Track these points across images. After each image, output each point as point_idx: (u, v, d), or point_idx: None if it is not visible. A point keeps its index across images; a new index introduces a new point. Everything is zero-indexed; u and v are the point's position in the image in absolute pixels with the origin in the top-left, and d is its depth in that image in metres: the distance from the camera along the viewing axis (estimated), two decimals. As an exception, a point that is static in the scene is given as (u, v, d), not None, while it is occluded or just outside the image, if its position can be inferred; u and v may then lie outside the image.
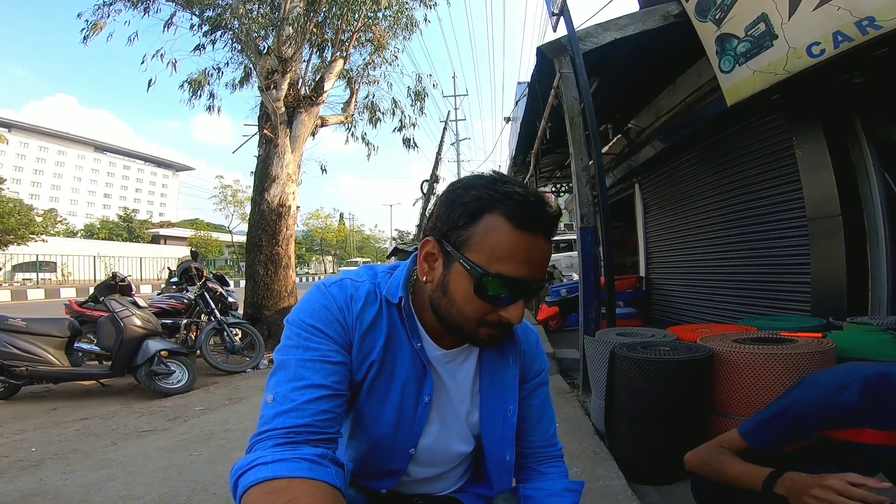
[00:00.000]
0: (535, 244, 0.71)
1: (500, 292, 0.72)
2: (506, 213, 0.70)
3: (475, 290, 0.72)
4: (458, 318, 0.76)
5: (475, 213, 0.71)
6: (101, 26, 6.99)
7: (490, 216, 0.70)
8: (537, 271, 0.73)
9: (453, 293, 0.75)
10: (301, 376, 0.73)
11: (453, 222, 0.73)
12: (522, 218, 0.70)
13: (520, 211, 0.70)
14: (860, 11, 2.39)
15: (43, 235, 25.33)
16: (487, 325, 0.76)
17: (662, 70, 4.96)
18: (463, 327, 0.77)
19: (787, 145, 3.72)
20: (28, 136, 67.05)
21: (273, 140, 6.55)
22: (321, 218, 51.14)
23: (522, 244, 0.70)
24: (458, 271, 0.73)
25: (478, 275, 0.70)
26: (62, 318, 4.46)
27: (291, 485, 0.61)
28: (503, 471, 0.91)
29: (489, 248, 0.70)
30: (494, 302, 0.73)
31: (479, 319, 0.75)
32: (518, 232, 0.70)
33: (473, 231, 0.71)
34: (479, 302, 0.73)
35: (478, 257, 0.71)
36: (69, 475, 2.41)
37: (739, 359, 2.13)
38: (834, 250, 3.26)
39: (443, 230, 0.74)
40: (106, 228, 50.03)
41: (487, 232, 0.70)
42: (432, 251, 0.77)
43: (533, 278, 0.72)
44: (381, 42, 7.74)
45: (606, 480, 2.12)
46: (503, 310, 0.74)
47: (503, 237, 0.70)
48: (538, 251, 0.72)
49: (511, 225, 0.70)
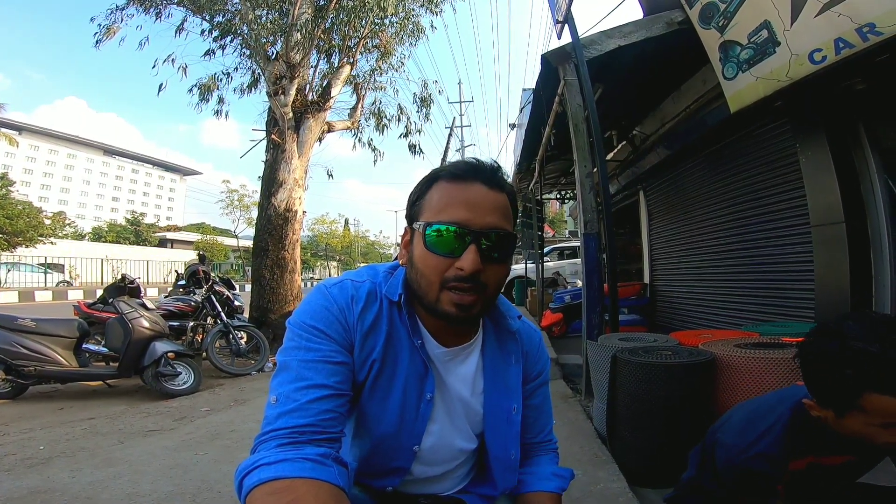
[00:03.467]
0: (471, 189, 0.78)
1: (445, 238, 0.76)
2: (444, 175, 0.81)
3: (424, 242, 0.77)
4: (423, 284, 0.79)
5: (425, 186, 0.82)
6: (115, 31, 7.12)
7: (436, 183, 0.81)
8: (481, 215, 0.77)
9: (415, 259, 0.81)
10: (303, 377, 0.74)
11: (411, 202, 0.84)
12: (456, 173, 0.80)
13: (454, 168, 0.81)
14: (861, 18, 2.41)
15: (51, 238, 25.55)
16: (448, 287, 0.77)
17: (667, 77, 4.98)
18: (429, 296, 0.79)
19: (791, 152, 3.72)
20: (38, 138, 67.84)
21: (281, 145, 6.63)
22: (326, 223, 51.30)
23: (459, 191, 0.78)
24: (417, 237, 0.81)
25: (422, 227, 0.78)
26: (71, 319, 4.52)
27: (294, 484, 0.62)
28: (508, 469, 0.91)
29: (434, 206, 0.79)
30: (443, 251, 0.76)
31: (439, 279, 0.77)
32: (454, 184, 0.79)
33: (424, 200, 0.81)
34: (432, 256, 0.77)
35: (426, 216, 0.79)
36: (76, 473, 2.44)
37: (741, 363, 2.14)
38: (837, 257, 3.26)
39: (408, 214, 0.85)
40: (114, 231, 50.38)
41: (432, 195, 0.81)
42: (406, 237, 0.85)
43: (477, 222, 0.76)
44: (388, 48, 7.83)
45: (608, 483, 2.13)
46: (457, 261, 0.76)
47: (443, 192, 0.80)
48: (477, 194, 0.78)
49: (449, 181, 0.80)
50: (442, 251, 0.76)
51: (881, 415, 0.84)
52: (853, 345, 0.85)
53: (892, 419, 0.83)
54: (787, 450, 1.01)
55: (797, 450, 1.02)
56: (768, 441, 1.02)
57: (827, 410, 0.92)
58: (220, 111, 7.83)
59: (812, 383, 0.95)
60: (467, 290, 0.76)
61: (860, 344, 0.84)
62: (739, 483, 1.07)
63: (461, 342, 0.89)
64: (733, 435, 1.10)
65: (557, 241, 18.71)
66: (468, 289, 0.76)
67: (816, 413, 0.95)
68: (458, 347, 0.88)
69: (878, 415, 0.84)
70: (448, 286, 0.76)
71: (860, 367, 0.83)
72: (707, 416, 2.23)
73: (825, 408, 0.93)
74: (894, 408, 0.82)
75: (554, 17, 4.19)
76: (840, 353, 0.87)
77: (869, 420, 0.86)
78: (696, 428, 2.17)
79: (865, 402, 0.84)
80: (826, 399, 0.92)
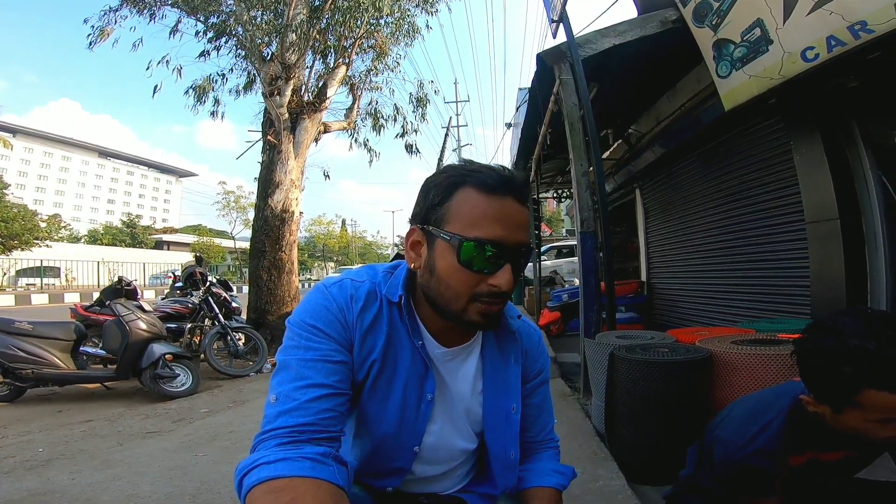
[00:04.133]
0: (505, 205, 0.75)
1: (481, 255, 0.74)
2: (475, 183, 0.76)
3: (458, 257, 0.74)
4: (448, 296, 0.77)
5: (448, 190, 0.77)
6: (108, 32, 7.09)
7: (462, 189, 0.76)
8: (514, 232, 0.75)
9: (440, 270, 0.77)
10: (303, 376, 0.74)
11: (430, 204, 0.78)
12: (490, 184, 0.75)
13: (487, 178, 0.76)
14: (853, 16, 2.43)
15: (47, 241, 25.45)
16: (478, 300, 0.76)
17: (662, 75, 5.00)
18: (454, 306, 0.77)
19: (786, 149, 3.74)
20: (33, 141, 67.49)
21: (277, 146, 6.61)
22: (323, 224, 51.24)
23: (494, 206, 0.75)
24: (441, 246, 0.76)
25: (457, 242, 0.74)
26: (68, 322, 4.50)
27: (294, 484, 0.62)
28: (507, 469, 0.92)
29: (464, 217, 0.75)
30: (478, 268, 0.74)
31: (469, 293, 0.76)
32: (488, 196, 0.75)
33: (448, 206, 0.76)
34: (464, 271, 0.75)
35: (455, 227, 0.75)
36: (76, 475, 2.44)
37: (737, 360, 2.15)
38: (832, 253, 3.28)
39: (422, 215, 0.79)
40: (109, 234, 50.24)
41: (461, 203, 0.75)
42: (417, 238, 0.81)
43: (512, 239, 0.75)
44: (384, 49, 7.82)
45: (606, 480, 2.15)
46: (490, 278, 0.75)
47: (475, 204, 0.75)
48: (510, 211, 0.76)
49: (480, 192, 0.75)
50: (477, 268, 0.74)
51: (878, 411, 0.85)
52: (850, 341, 0.86)
53: (889, 415, 0.84)
54: (785, 445, 1.02)
55: (796, 445, 1.02)
56: (767, 437, 1.02)
57: (824, 406, 0.93)
58: (216, 112, 7.81)
59: (809, 380, 0.96)
60: (498, 304, 0.78)
61: (856, 340, 0.85)
62: (738, 480, 1.08)
63: (461, 342, 0.89)
64: (732, 431, 1.11)
65: (555, 240, 18.74)
66: (498, 303, 0.78)
67: (814, 409, 0.96)
68: (458, 347, 0.89)
69: (875, 411, 0.85)
70: (478, 300, 0.76)
71: (857, 363, 0.84)
72: (705, 413, 2.24)
73: (822, 404, 0.94)
74: (891, 403, 0.83)
75: (549, 16, 4.20)
76: (837, 349, 0.88)
77: (866, 416, 0.87)
78: (694, 425, 2.19)
79: (862, 399, 0.85)
80: (823, 395, 0.93)
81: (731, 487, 1.11)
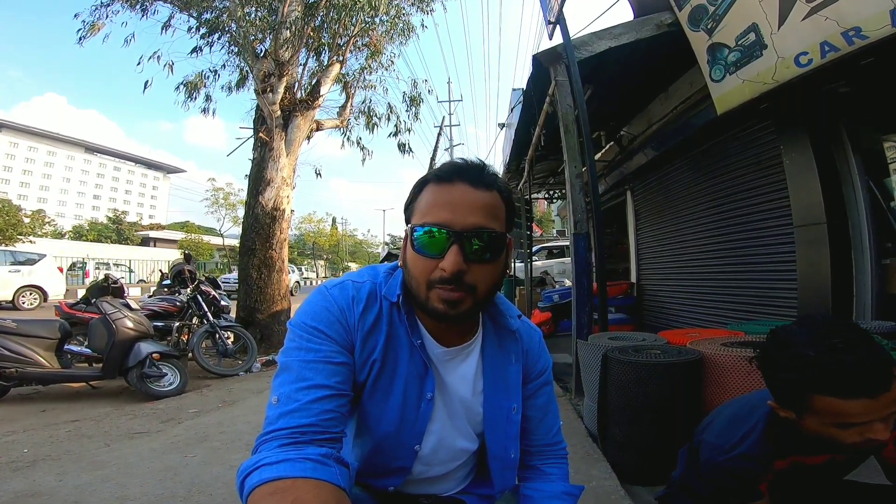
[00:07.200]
0: (454, 189, 0.78)
1: (430, 239, 0.76)
2: (432, 177, 0.81)
3: (413, 245, 0.78)
4: (413, 285, 0.80)
5: (417, 189, 0.83)
6: (99, 27, 6.99)
7: (426, 186, 0.82)
8: (463, 215, 0.76)
9: (407, 261, 0.82)
10: (304, 377, 0.74)
11: (406, 204, 0.85)
12: (441, 175, 0.80)
13: (441, 170, 0.81)
14: (847, 22, 2.46)
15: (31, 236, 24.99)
16: (434, 286, 0.77)
17: (655, 78, 5.03)
18: (420, 296, 0.80)
19: (776, 153, 3.79)
20: (18, 135, 66.17)
21: (268, 143, 6.56)
22: (314, 222, 50.91)
23: (442, 193, 0.79)
24: (407, 239, 0.81)
25: (410, 230, 0.79)
26: (52, 320, 4.43)
27: (296, 485, 0.62)
28: (507, 468, 0.92)
29: (421, 209, 0.80)
30: (428, 252, 0.77)
31: (425, 279, 0.78)
32: (437, 185, 0.80)
33: (416, 203, 0.82)
34: (418, 258, 0.78)
35: (414, 219, 0.80)
36: (63, 476, 2.40)
37: (727, 362, 2.18)
38: (820, 257, 3.33)
39: (405, 217, 0.85)
40: (95, 230, 49.42)
41: (421, 198, 0.81)
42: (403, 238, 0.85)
43: (459, 222, 0.76)
44: (378, 47, 7.80)
45: (600, 481, 2.15)
46: (441, 261, 0.76)
47: (429, 195, 0.80)
48: (459, 195, 0.78)
49: (434, 183, 0.80)
50: (427, 252, 0.76)
51: (830, 415, 0.87)
52: (794, 350, 0.90)
53: (843, 419, 0.86)
54: (767, 450, 1.03)
55: (779, 449, 1.04)
56: (751, 441, 1.04)
57: (788, 412, 0.96)
58: (207, 109, 7.74)
59: (769, 387, 0.99)
60: (453, 289, 0.77)
61: (800, 349, 0.89)
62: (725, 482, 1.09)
63: (461, 342, 0.89)
64: (717, 435, 1.12)
65: (545, 241, 18.81)
66: (452, 289, 0.76)
67: (784, 414, 0.97)
68: (458, 347, 0.89)
69: (827, 415, 0.87)
70: (435, 287, 0.77)
71: (800, 371, 0.88)
72: (696, 414, 2.26)
73: (785, 409, 0.96)
74: (839, 408, 0.85)
75: (546, 17, 4.22)
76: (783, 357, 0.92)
77: (822, 420, 0.89)
78: (685, 426, 2.21)
79: (814, 404, 0.88)
80: (782, 402, 0.96)
81: (718, 489, 1.12)
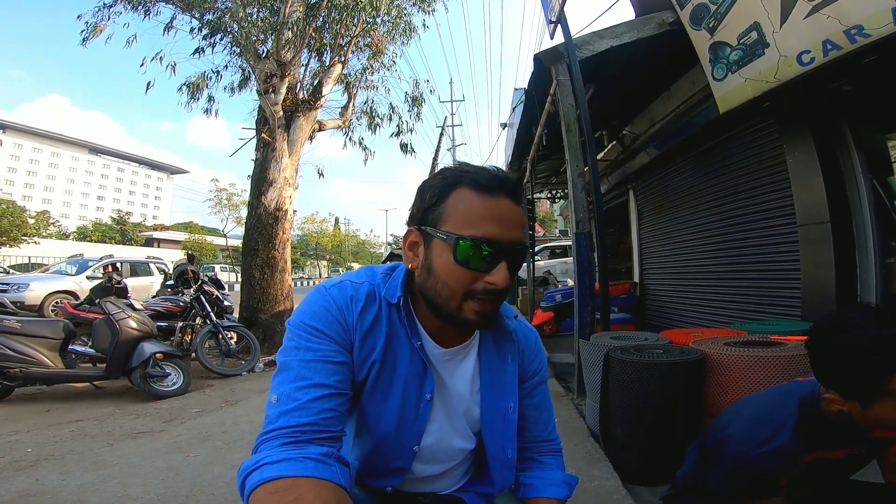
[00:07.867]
0: (500, 204, 0.77)
1: (478, 253, 0.75)
2: (469, 183, 0.77)
3: (454, 256, 0.75)
4: (445, 294, 0.78)
5: (444, 191, 0.78)
6: (101, 28, 7.03)
7: (457, 190, 0.77)
8: (510, 230, 0.76)
9: (437, 269, 0.78)
10: (304, 376, 0.74)
11: (427, 205, 0.80)
12: (484, 184, 0.77)
13: (481, 178, 0.77)
14: (849, 20, 2.45)
15: (35, 237, 25.11)
16: (473, 298, 0.77)
17: (657, 77, 5.02)
18: (450, 304, 0.78)
19: (779, 152, 3.77)
20: (22, 136, 66.53)
21: (271, 144, 6.58)
22: (316, 222, 51.00)
23: (489, 205, 0.76)
24: (438, 246, 0.77)
25: (454, 241, 0.75)
26: (56, 320, 4.46)
27: (297, 484, 0.62)
28: (505, 467, 0.92)
29: (460, 216, 0.76)
30: (475, 266, 0.75)
31: (464, 291, 0.76)
32: (482, 196, 0.76)
33: (444, 206, 0.78)
34: (460, 269, 0.75)
35: (451, 226, 0.76)
36: (66, 475, 2.41)
37: (730, 361, 2.17)
38: (823, 256, 3.31)
39: (419, 216, 0.81)
40: (99, 231, 49.62)
41: (456, 203, 0.77)
42: (414, 239, 0.82)
43: (507, 238, 0.76)
44: (380, 47, 7.81)
45: (602, 481, 2.15)
46: (486, 276, 0.76)
47: (470, 203, 0.76)
48: (505, 210, 0.77)
49: (475, 191, 0.77)
50: (472, 265, 0.75)
51: None
52: (867, 332, 0.87)
53: None
54: (801, 444, 1.02)
55: (809, 444, 1.03)
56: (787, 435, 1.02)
57: (852, 403, 0.93)
58: (209, 110, 7.77)
59: (832, 379, 0.95)
60: (493, 302, 0.78)
61: (873, 331, 0.87)
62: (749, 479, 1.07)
63: (459, 343, 0.89)
64: (745, 430, 1.09)
65: (548, 241, 18.79)
66: (493, 300, 0.78)
67: (838, 407, 0.95)
68: (457, 348, 0.89)
69: None
70: (474, 298, 0.77)
71: (881, 351, 0.85)
72: (699, 414, 2.26)
73: (850, 401, 0.93)
74: None
75: (547, 17, 4.21)
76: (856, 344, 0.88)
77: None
78: (688, 426, 2.20)
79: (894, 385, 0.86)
80: (851, 391, 0.92)
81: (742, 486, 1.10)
